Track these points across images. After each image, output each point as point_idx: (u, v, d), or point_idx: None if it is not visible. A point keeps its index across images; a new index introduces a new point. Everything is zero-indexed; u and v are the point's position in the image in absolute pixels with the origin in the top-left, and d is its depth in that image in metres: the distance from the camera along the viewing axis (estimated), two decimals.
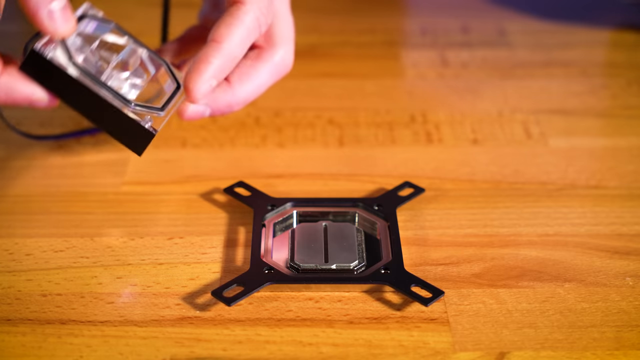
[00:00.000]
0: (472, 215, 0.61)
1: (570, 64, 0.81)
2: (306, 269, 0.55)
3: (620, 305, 0.53)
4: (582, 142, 0.69)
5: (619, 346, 0.50)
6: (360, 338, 0.51)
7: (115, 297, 0.54)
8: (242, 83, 0.58)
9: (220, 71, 0.57)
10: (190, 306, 0.53)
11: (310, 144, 0.69)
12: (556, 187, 0.64)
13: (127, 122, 0.54)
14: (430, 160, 0.67)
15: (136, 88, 0.56)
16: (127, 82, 0.56)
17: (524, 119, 0.72)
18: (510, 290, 0.54)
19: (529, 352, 0.50)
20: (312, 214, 0.60)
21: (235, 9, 0.58)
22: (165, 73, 0.58)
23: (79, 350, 0.50)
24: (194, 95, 0.56)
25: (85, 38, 0.56)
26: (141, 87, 0.56)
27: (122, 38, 0.57)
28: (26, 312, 0.53)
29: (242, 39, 0.57)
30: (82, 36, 0.56)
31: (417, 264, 0.56)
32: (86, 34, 0.56)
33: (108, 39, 0.57)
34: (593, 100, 0.75)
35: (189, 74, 0.56)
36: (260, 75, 0.59)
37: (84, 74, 0.53)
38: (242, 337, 0.51)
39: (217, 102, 0.58)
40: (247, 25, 0.58)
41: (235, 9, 0.58)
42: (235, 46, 0.57)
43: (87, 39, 0.56)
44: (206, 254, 0.57)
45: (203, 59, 0.56)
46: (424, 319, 0.52)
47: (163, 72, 0.58)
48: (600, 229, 0.59)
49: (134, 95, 0.56)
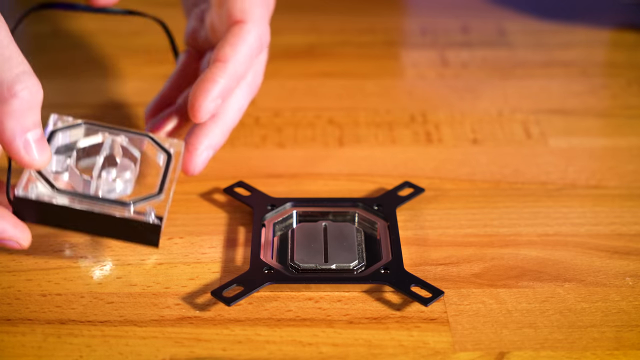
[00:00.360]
0: (472, 215, 0.61)
1: (570, 63, 0.81)
2: (306, 269, 0.55)
3: (620, 305, 0.53)
4: (582, 142, 0.69)
5: (619, 346, 0.50)
6: (360, 338, 0.51)
7: (115, 296, 0.53)
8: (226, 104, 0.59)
9: (227, 90, 0.57)
10: (190, 306, 0.53)
11: (310, 144, 0.69)
12: (556, 187, 0.64)
13: (132, 224, 0.54)
14: (430, 160, 0.67)
15: (129, 182, 0.56)
16: (117, 181, 0.55)
17: (523, 118, 0.72)
18: (510, 290, 0.54)
19: (529, 352, 0.50)
20: (311, 213, 0.60)
21: (238, 28, 0.58)
22: (151, 147, 0.58)
23: (79, 350, 0.50)
24: (200, 114, 0.56)
25: (62, 152, 0.56)
26: (133, 178, 0.56)
27: (97, 135, 0.57)
28: (26, 312, 0.53)
29: (246, 57, 0.58)
30: (58, 153, 0.56)
31: (417, 264, 0.56)
32: (61, 148, 0.56)
33: (84, 144, 0.57)
34: (593, 100, 0.75)
35: (195, 94, 0.57)
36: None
37: (72, 196, 0.53)
38: (241, 337, 0.51)
39: (214, 138, 0.59)
40: (250, 44, 0.58)
41: (238, 28, 0.58)
42: (240, 65, 0.58)
43: (64, 152, 0.56)
44: (206, 254, 0.57)
45: (209, 79, 0.57)
46: (423, 319, 0.52)
47: (149, 147, 0.58)
48: (600, 229, 0.59)
49: (129, 190, 0.56)
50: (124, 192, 0.55)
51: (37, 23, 0.88)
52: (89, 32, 0.84)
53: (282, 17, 0.88)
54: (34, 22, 0.89)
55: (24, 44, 0.67)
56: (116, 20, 0.82)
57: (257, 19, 0.59)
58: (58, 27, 0.65)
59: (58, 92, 0.76)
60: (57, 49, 0.83)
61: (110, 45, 0.84)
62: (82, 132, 0.57)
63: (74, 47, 0.84)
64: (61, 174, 0.56)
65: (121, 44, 0.84)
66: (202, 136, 0.59)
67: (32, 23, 0.89)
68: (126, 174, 0.56)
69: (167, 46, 0.66)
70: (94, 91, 0.76)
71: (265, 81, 0.77)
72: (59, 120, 0.57)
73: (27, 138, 0.50)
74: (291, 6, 0.90)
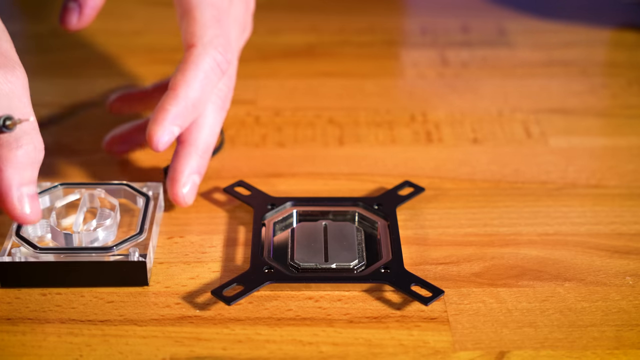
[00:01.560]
0: (472, 214, 0.61)
1: (570, 63, 0.81)
2: (306, 268, 0.55)
3: (620, 304, 0.53)
4: (582, 142, 0.69)
5: (619, 345, 0.50)
6: (360, 337, 0.51)
7: (115, 295, 0.53)
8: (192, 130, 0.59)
9: (179, 118, 0.57)
10: (190, 305, 0.53)
11: (310, 144, 0.69)
12: (556, 187, 0.64)
13: (117, 266, 0.54)
14: (430, 159, 0.67)
15: (110, 229, 0.56)
16: (98, 230, 0.56)
17: (524, 118, 0.72)
18: (510, 290, 0.54)
19: (529, 352, 0.50)
20: (312, 213, 0.60)
21: (189, 54, 0.58)
22: (130, 193, 0.59)
23: (79, 350, 0.50)
24: (154, 144, 0.56)
25: (44, 216, 0.57)
26: (114, 225, 0.56)
27: (74, 194, 0.58)
28: (26, 311, 0.53)
29: (200, 83, 0.57)
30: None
31: (417, 263, 0.56)
32: (43, 212, 0.57)
33: (61, 204, 0.58)
34: (593, 100, 0.75)
35: (149, 124, 0.57)
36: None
37: (56, 252, 0.54)
38: (242, 336, 0.51)
39: (194, 164, 0.59)
40: (204, 68, 0.57)
41: (189, 54, 0.58)
42: (194, 91, 0.57)
43: (46, 215, 0.57)
44: (206, 253, 0.57)
45: (160, 108, 0.57)
46: (423, 318, 0.52)
47: (127, 193, 0.59)
48: (601, 228, 0.59)
49: (112, 237, 0.56)
50: (106, 239, 0.56)
51: (37, 23, 0.88)
52: (89, 31, 0.84)
53: (282, 17, 0.88)
54: (34, 22, 0.89)
55: (24, 44, 0.67)
56: (117, 20, 0.82)
57: (209, 41, 0.58)
58: (58, 27, 0.65)
59: (58, 92, 0.76)
60: (57, 49, 0.83)
61: (110, 44, 0.84)
62: (60, 194, 0.59)
63: (74, 47, 0.84)
64: (44, 236, 0.57)
65: (122, 44, 0.84)
66: (181, 166, 0.59)
67: (32, 23, 0.89)
68: (107, 222, 0.56)
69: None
70: (94, 91, 0.76)
71: (265, 81, 0.78)
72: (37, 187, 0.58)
73: (22, 192, 0.50)
74: (291, 6, 0.90)
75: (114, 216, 0.56)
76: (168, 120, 0.56)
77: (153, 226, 0.56)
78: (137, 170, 0.65)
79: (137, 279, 0.54)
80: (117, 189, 0.59)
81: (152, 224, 0.56)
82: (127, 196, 0.59)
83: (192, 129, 0.59)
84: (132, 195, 0.59)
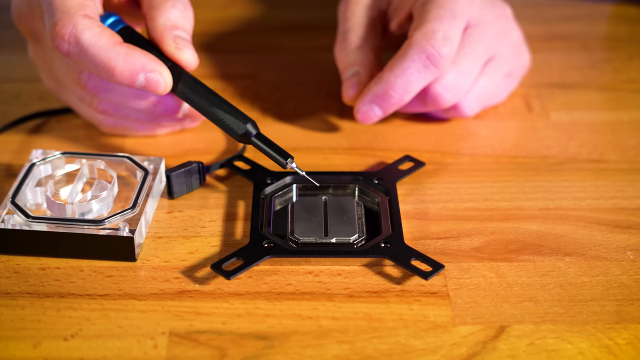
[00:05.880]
0: (473, 189, 0.60)
1: (571, 37, 0.80)
2: (306, 243, 0.55)
3: (621, 279, 0.53)
4: (583, 116, 0.69)
5: (619, 320, 0.50)
6: (360, 312, 0.51)
7: (114, 270, 0.53)
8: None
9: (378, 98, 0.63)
10: (189, 280, 0.53)
11: (310, 118, 0.69)
12: (557, 161, 0.63)
13: (107, 240, 0.53)
14: (431, 134, 0.66)
15: (104, 201, 0.56)
16: (93, 202, 0.55)
17: (525, 92, 0.71)
18: (510, 264, 0.54)
19: (529, 326, 0.50)
20: (311, 187, 0.60)
21: (405, 45, 0.63)
22: (131, 166, 0.59)
23: (78, 324, 0.50)
24: (358, 114, 0.64)
25: (44, 184, 0.57)
26: (110, 198, 0.56)
27: (74, 163, 0.58)
28: (25, 285, 0.52)
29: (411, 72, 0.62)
30: (40, 185, 0.57)
31: (417, 238, 0.56)
32: (43, 180, 0.58)
33: (60, 172, 0.58)
34: (594, 74, 0.75)
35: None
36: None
37: (48, 222, 0.54)
38: (241, 311, 0.51)
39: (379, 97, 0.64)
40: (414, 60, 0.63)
41: (405, 45, 0.63)
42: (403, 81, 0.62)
43: (46, 184, 0.57)
44: (205, 228, 0.57)
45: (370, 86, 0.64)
46: (424, 293, 0.52)
47: (129, 166, 0.59)
48: (601, 203, 0.59)
49: (106, 210, 0.56)
50: (100, 212, 0.56)
51: None
52: None
53: None
54: None
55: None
56: None
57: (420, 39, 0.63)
58: None
59: None
60: None
61: None
62: (62, 163, 0.59)
63: None
64: (41, 205, 0.57)
65: None
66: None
67: None
68: (102, 194, 0.56)
69: None
70: None
71: (265, 55, 0.77)
72: (40, 154, 0.59)
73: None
74: None
75: (110, 188, 0.56)
76: (368, 97, 0.65)
77: (148, 201, 0.56)
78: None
79: (125, 254, 0.54)
80: (119, 161, 0.59)
81: (147, 199, 0.56)
82: (129, 169, 0.59)
83: None
84: (134, 169, 0.59)
